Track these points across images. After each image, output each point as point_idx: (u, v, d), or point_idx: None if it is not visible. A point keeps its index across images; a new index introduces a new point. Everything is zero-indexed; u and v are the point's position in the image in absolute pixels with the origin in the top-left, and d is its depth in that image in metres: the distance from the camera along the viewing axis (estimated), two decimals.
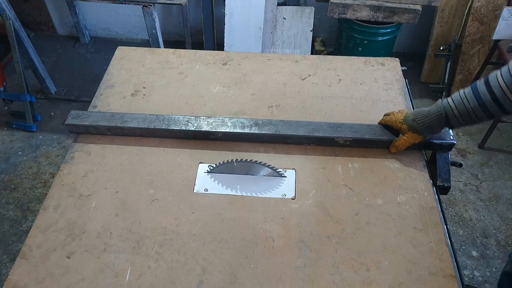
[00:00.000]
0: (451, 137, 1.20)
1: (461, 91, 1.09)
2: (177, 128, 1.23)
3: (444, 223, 1.09)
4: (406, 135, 1.17)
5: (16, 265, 0.99)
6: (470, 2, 2.65)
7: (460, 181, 2.47)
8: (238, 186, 1.16)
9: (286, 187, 1.15)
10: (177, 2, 2.43)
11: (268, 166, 1.16)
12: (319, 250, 1.02)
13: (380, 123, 1.27)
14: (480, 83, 1.05)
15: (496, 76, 1.02)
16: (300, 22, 2.86)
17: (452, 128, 1.16)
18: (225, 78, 1.47)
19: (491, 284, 2.03)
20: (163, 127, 1.23)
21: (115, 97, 1.40)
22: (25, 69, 2.65)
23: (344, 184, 1.16)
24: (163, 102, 1.38)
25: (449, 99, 1.10)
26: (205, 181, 1.16)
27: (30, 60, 2.65)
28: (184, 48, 2.92)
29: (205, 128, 1.23)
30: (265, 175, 1.18)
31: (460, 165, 1.22)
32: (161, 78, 1.47)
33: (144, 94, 1.41)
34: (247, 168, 1.18)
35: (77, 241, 1.03)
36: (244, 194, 1.13)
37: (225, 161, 1.18)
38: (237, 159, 1.17)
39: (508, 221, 2.26)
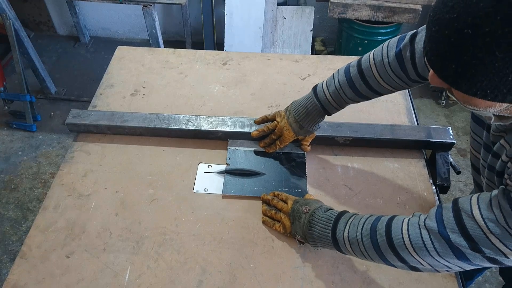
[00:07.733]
0: (451, 137, 1.20)
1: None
2: (177, 127, 1.23)
3: None
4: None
5: (16, 264, 0.99)
6: None
7: (460, 181, 2.46)
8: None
9: None
10: (177, 2, 2.43)
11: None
12: (318, 250, 1.02)
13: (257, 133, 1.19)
14: (355, 60, 1.01)
15: (370, 53, 0.99)
16: (300, 22, 2.86)
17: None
18: (225, 78, 1.47)
19: (491, 284, 2.03)
20: (163, 126, 1.23)
21: (115, 97, 1.40)
22: (25, 69, 2.65)
23: (344, 184, 1.16)
24: (163, 102, 1.38)
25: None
26: (204, 181, 1.16)
27: (30, 60, 2.65)
28: (184, 48, 2.92)
29: (205, 127, 1.23)
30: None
31: (459, 172, 1.22)
32: (161, 78, 1.47)
33: (144, 94, 1.41)
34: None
35: (76, 241, 1.03)
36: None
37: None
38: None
39: None
